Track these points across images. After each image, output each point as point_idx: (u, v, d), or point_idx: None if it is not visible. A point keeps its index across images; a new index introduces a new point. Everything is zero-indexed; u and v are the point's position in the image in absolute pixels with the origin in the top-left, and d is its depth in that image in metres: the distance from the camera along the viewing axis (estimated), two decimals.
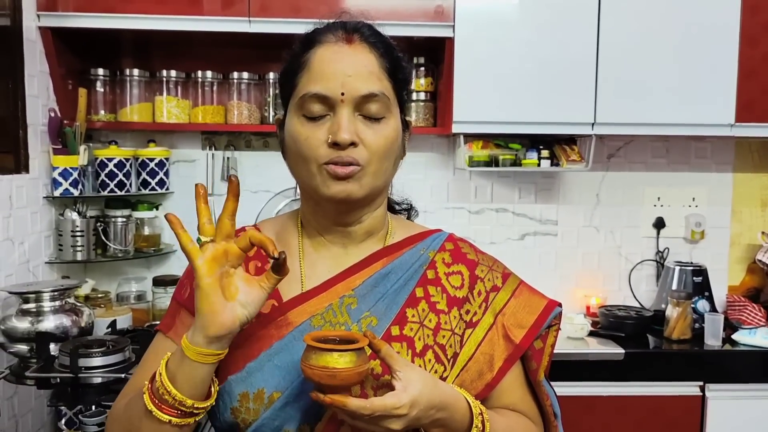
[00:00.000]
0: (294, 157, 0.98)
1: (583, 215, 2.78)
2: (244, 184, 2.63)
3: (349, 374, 0.82)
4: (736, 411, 2.29)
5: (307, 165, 0.95)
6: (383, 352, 0.86)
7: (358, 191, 0.95)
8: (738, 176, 2.80)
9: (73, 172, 2.31)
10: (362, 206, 1.00)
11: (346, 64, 0.94)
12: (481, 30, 2.33)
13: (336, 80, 0.93)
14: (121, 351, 1.79)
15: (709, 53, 2.37)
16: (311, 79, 0.95)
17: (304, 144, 0.95)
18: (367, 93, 0.94)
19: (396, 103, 0.99)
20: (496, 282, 1.06)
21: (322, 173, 0.94)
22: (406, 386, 0.84)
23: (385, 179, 1.00)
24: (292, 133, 0.97)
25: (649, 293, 2.77)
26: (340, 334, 0.87)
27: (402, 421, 0.84)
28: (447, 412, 0.89)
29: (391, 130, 0.97)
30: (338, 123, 0.92)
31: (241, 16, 2.26)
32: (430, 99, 2.58)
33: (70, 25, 2.25)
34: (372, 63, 0.96)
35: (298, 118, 0.96)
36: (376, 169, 0.95)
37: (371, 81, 0.95)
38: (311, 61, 0.96)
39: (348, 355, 0.82)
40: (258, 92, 2.57)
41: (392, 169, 1.01)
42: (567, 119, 2.38)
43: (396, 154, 1.00)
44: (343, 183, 0.94)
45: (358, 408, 0.81)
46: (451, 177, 2.73)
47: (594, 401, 2.27)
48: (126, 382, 1.03)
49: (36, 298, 1.93)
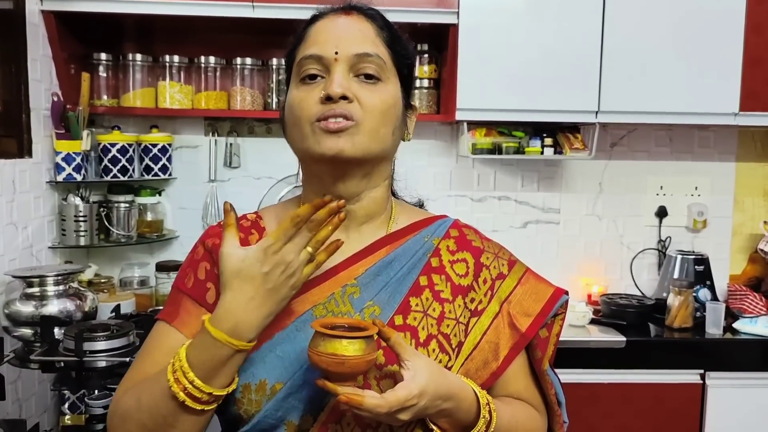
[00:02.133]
0: (290, 124, 0.98)
1: (585, 203, 2.78)
2: (247, 170, 2.66)
3: (357, 362, 0.81)
4: (737, 399, 2.30)
5: (300, 126, 0.95)
6: (392, 340, 0.85)
7: (350, 149, 0.92)
8: (741, 165, 2.79)
9: (76, 157, 2.30)
10: (358, 175, 0.97)
11: (341, 28, 0.96)
12: (485, 17, 2.32)
13: (330, 43, 0.95)
14: (125, 335, 1.80)
15: (714, 41, 2.36)
16: (308, 45, 0.97)
17: (298, 106, 0.95)
18: (362, 52, 0.95)
19: (395, 73, 0.99)
20: (502, 269, 1.06)
21: (315, 131, 0.93)
22: (414, 375, 0.84)
23: (382, 147, 0.97)
24: (289, 101, 0.98)
25: (651, 282, 2.78)
26: (348, 322, 0.87)
27: (410, 411, 0.84)
28: (453, 402, 0.89)
29: (387, 95, 0.96)
30: (331, 79, 0.93)
31: (244, 1, 2.25)
32: (434, 86, 2.57)
33: (73, 9, 2.24)
34: (368, 29, 0.97)
35: (296, 84, 0.97)
36: (371, 129, 0.94)
37: (366, 43, 0.96)
38: (309, 31, 0.98)
39: (357, 342, 0.81)
40: (261, 78, 2.56)
41: (391, 138, 0.98)
42: (570, 107, 2.37)
43: (395, 123, 0.98)
44: (335, 138, 0.92)
45: (374, 407, 0.81)
46: (454, 164, 2.73)
47: (595, 389, 2.28)
48: (129, 366, 1.01)
49: (40, 282, 1.93)
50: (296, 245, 0.87)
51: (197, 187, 2.63)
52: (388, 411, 0.81)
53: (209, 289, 0.99)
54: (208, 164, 2.62)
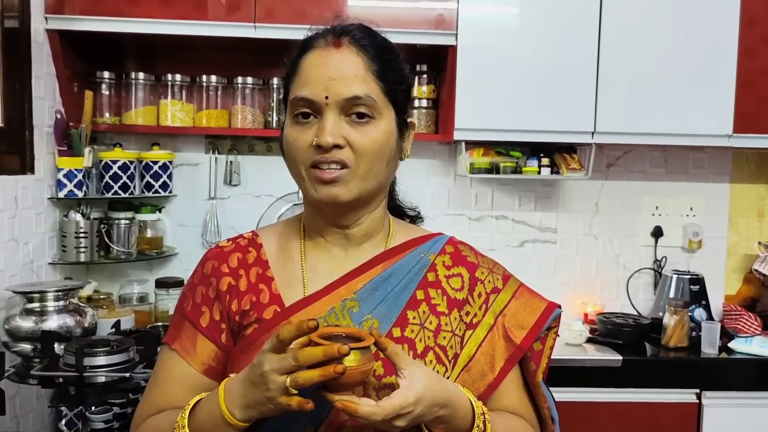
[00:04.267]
0: (287, 159, 1.02)
1: (582, 223, 2.80)
2: (247, 187, 2.68)
3: (354, 372, 0.82)
4: (732, 418, 2.30)
5: (296, 167, 0.99)
6: (389, 350, 0.87)
7: (345, 194, 0.96)
8: (735, 186, 2.82)
9: (77, 173, 2.32)
10: (357, 208, 1.02)
11: (331, 68, 0.96)
12: (483, 38, 2.36)
13: (320, 84, 0.96)
14: (125, 351, 1.81)
15: (708, 64, 2.40)
16: (299, 84, 0.98)
17: (292, 146, 0.98)
18: (351, 96, 0.96)
19: (388, 105, 1.00)
20: (496, 284, 1.08)
21: (310, 176, 0.97)
22: (411, 383, 0.85)
23: (378, 181, 1.00)
24: (285, 135, 1.00)
25: (647, 301, 2.79)
26: (345, 331, 0.88)
27: (407, 418, 0.85)
28: (449, 409, 0.90)
29: (379, 133, 0.98)
30: (322, 126, 0.95)
31: (246, 21, 2.29)
32: (432, 106, 2.60)
33: (77, 28, 2.27)
34: (358, 66, 0.97)
35: (290, 121, 0.99)
36: (365, 171, 0.97)
37: (356, 84, 0.96)
38: (301, 66, 0.99)
39: (354, 353, 0.82)
40: (262, 97, 2.59)
41: (385, 171, 1.01)
42: (567, 128, 2.40)
43: (389, 156, 1.00)
44: (329, 187, 0.96)
45: (369, 414, 0.82)
46: (452, 184, 2.76)
47: (591, 407, 2.28)
48: (129, 381, 1.05)
49: (40, 297, 1.94)
50: (279, 369, 0.82)
51: (197, 205, 2.65)
52: (383, 418, 0.82)
53: (204, 313, 1.04)
54: (208, 182, 2.64)
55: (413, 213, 1.21)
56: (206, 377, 1.02)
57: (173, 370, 1.02)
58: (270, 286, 1.03)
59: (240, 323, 1.02)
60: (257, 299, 1.02)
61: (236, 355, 1.01)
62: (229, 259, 1.06)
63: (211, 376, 1.02)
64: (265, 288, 1.03)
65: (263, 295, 1.02)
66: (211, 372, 1.02)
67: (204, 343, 1.02)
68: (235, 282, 1.03)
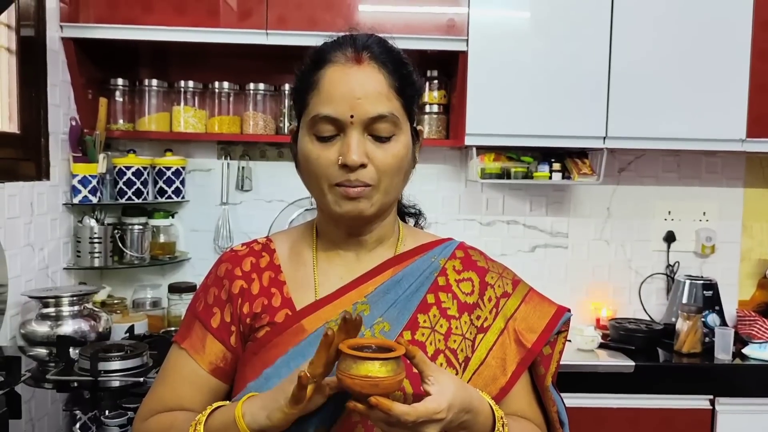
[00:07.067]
0: (306, 174, 1.02)
1: (593, 228, 2.79)
2: (259, 193, 2.69)
3: (391, 383, 0.82)
4: (746, 425, 2.28)
5: (318, 183, 0.99)
6: (417, 358, 0.86)
7: (369, 209, 0.98)
8: (749, 191, 2.80)
9: (92, 179, 2.35)
10: (375, 220, 1.04)
11: (355, 85, 0.96)
12: (493, 43, 2.36)
13: (345, 103, 0.95)
14: (139, 356, 1.82)
15: (721, 68, 2.38)
16: (321, 101, 0.97)
17: (315, 163, 0.98)
18: (376, 115, 0.96)
19: (406, 119, 1.01)
20: (506, 288, 1.09)
21: (334, 192, 0.98)
22: (442, 389, 0.85)
23: (396, 194, 1.04)
24: (303, 151, 1.00)
25: (659, 307, 2.78)
26: (375, 342, 0.87)
27: (438, 425, 0.85)
28: (472, 414, 0.90)
29: (401, 148, 0.99)
30: (348, 145, 0.95)
31: (258, 28, 2.30)
32: (443, 111, 2.61)
33: (91, 36, 2.30)
34: (381, 83, 0.97)
35: (310, 137, 0.99)
36: (386, 187, 0.99)
37: (380, 102, 0.96)
38: (321, 81, 0.98)
39: (389, 363, 0.82)
40: (274, 103, 2.61)
41: (402, 183, 1.04)
42: (579, 133, 2.40)
43: (406, 168, 1.03)
44: (354, 202, 0.97)
45: (403, 414, 0.81)
46: (463, 189, 2.76)
47: (604, 413, 2.27)
48: (143, 386, 1.07)
49: (55, 302, 1.97)
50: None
51: (209, 210, 2.67)
52: (415, 420, 0.82)
53: (215, 314, 1.05)
54: (220, 187, 2.67)
55: (413, 210, 1.22)
56: (213, 377, 1.03)
57: (182, 369, 1.04)
58: (282, 290, 1.04)
59: (251, 326, 1.03)
60: (269, 302, 1.03)
61: (248, 356, 1.02)
62: (242, 262, 1.07)
63: (219, 377, 1.04)
64: (277, 291, 1.04)
65: (275, 298, 1.04)
66: (219, 372, 1.04)
67: (213, 343, 1.04)
68: (247, 285, 1.05)
